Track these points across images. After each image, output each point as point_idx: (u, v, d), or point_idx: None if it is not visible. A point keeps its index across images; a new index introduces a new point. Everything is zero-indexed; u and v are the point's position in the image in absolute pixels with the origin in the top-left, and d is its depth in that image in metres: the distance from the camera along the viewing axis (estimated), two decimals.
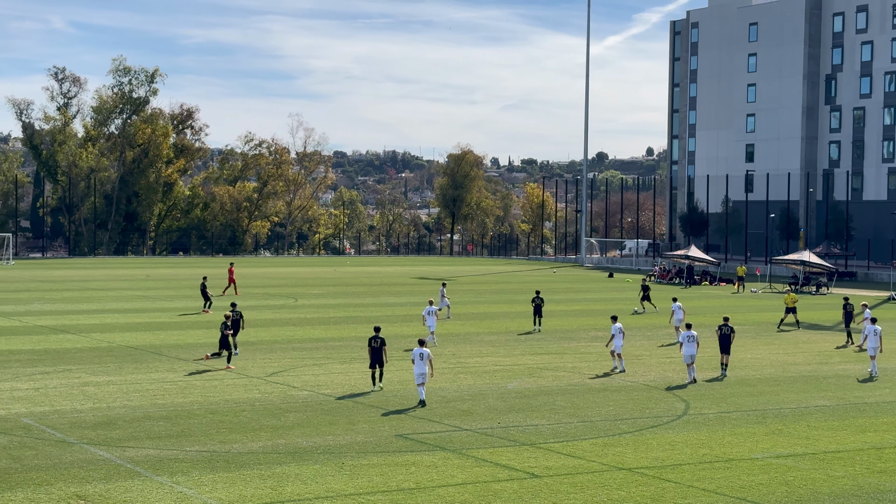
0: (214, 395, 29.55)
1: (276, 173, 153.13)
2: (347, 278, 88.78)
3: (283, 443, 23.54)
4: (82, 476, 20.19)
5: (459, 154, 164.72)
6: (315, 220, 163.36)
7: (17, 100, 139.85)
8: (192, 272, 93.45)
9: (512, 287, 79.16)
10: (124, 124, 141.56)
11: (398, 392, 30.54)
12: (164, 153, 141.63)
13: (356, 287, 76.72)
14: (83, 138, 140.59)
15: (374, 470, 21.15)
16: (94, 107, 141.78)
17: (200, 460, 21.74)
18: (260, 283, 79.93)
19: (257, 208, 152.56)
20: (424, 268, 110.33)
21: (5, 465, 20.96)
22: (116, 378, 32.47)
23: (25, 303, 59.04)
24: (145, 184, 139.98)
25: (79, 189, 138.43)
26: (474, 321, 51.25)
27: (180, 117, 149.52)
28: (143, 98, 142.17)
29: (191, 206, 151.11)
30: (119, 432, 24.36)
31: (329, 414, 27.08)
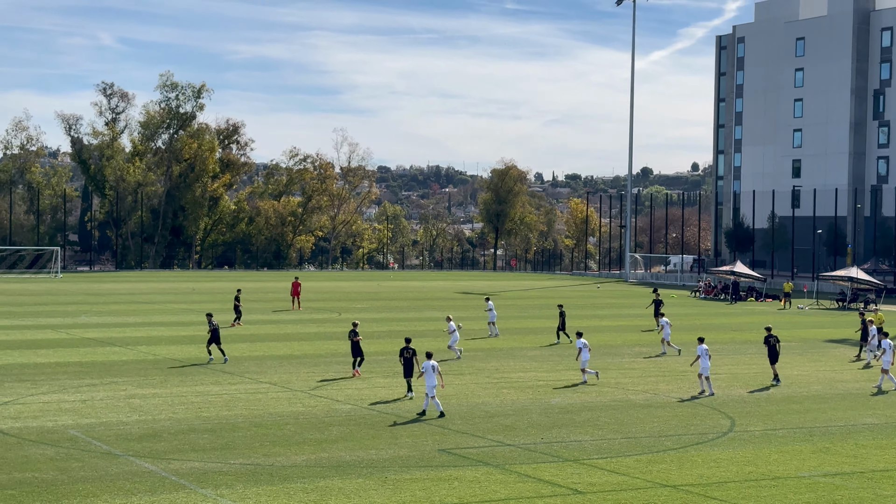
0: (258, 409, 29.67)
1: (320, 188, 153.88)
2: (391, 293, 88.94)
3: (326, 456, 23.58)
4: (128, 488, 20.33)
5: (503, 169, 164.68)
6: (359, 235, 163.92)
7: (66, 115, 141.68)
8: (236, 286, 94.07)
9: (556, 302, 78.91)
10: (171, 139, 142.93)
11: (442, 407, 30.50)
12: (210, 168, 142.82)
13: (399, 301, 76.83)
14: (131, 153, 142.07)
15: (417, 484, 21.12)
16: (141, 122, 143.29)
17: (244, 473, 21.82)
18: (304, 297, 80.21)
19: (302, 223, 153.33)
20: (468, 283, 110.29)
21: (52, 476, 21.16)
22: (162, 391, 32.70)
23: (73, 315, 59.66)
24: (191, 198, 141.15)
25: (126, 203, 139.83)
26: (518, 336, 51.13)
27: (226, 132, 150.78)
28: (190, 113, 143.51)
29: (236, 220, 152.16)
30: (164, 445, 24.51)
31: (372, 428, 27.10)
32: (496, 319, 52.97)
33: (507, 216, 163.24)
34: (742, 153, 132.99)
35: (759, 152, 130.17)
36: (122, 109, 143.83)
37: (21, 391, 32.04)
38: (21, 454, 23.12)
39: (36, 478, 20.98)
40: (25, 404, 29.78)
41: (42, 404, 29.85)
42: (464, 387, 34.73)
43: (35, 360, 39.59)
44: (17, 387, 32.93)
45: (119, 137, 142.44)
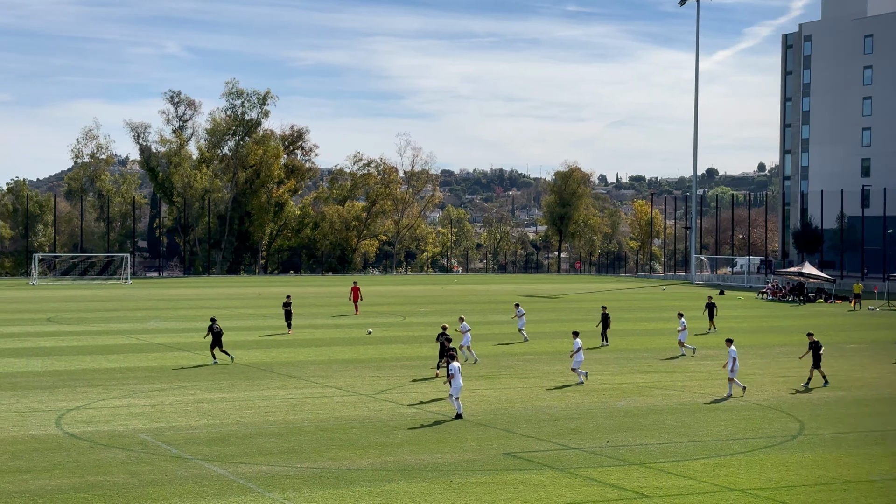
0: (324, 413, 29.87)
1: (384, 192, 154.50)
2: (455, 296, 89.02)
3: (391, 460, 23.67)
4: (197, 491, 20.58)
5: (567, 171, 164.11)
6: (423, 239, 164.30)
7: (134, 123, 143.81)
8: (302, 291, 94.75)
9: (620, 305, 78.47)
10: (237, 146, 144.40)
11: (506, 410, 30.50)
12: (275, 174, 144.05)
13: (464, 305, 76.86)
14: (197, 160, 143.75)
15: (483, 488, 21.13)
16: (207, 129, 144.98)
17: (311, 477, 21.99)
18: (369, 302, 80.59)
19: (366, 227, 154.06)
20: (532, 286, 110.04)
21: (123, 480, 21.49)
22: (229, 395, 33.06)
23: (142, 321, 60.52)
24: (257, 204, 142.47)
25: (193, 210, 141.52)
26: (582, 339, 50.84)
27: (291, 138, 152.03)
28: (255, 120, 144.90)
29: (301, 225, 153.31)
30: (232, 448, 24.77)
31: (437, 431, 27.16)
32: (524, 326, 51.45)
33: (571, 219, 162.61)
34: (809, 153, 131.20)
35: (828, 151, 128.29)
36: (188, 117, 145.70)
37: (93, 396, 32.57)
38: (93, 458, 23.51)
39: (107, 481, 21.32)
40: (97, 409, 30.28)
41: (113, 409, 30.32)
42: (528, 390, 34.68)
43: (106, 365, 40.23)
44: (89, 392, 33.49)
45: (186, 145, 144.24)
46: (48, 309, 70.01)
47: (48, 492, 20.35)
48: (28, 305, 73.46)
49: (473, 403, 31.68)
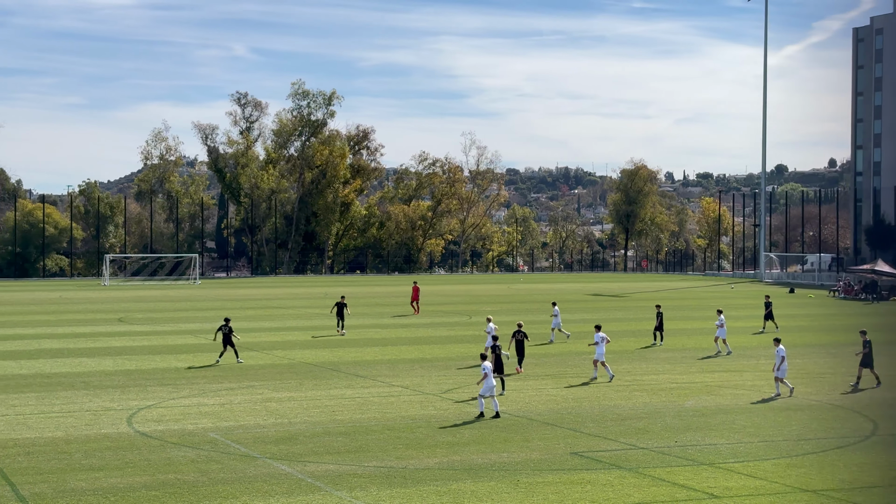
0: (391, 412, 29.95)
1: (449, 192, 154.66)
2: (521, 295, 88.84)
3: (458, 459, 23.66)
4: (266, 490, 20.74)
5: (633, 169, 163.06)
6: (488, 238, 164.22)
7: (202, 125, 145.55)
8: (369, 290, 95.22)
9: (688, 304, 77.77)
10: (303, 146, 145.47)
11: (573, 409, 30.36)
12: (341, 174, 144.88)
13: (529, 304, 76.67)
14: (264, 161, 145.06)
15: (550, 488, 21.04)
16: (274, 130, 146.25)
17: (378, 476, 22.05)
18: (435, 301, 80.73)
19: (431, 226, 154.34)
20: (598, 284, 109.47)
21: (193, 478, 21.72)
22: (297, 394, 33.28)
23: (211, 321, 61.18)
24: (323, 204, 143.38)
25: (260, 210, 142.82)
26: (649, 338, 50.50)
27: (356, 138, 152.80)
28: (321, 120, 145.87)
29: (367, 225, 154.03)
30: (300, 447, 24.93)
31: (504, 431, 27.10)
32: (561, 326, 50.32)
33: (638, 217, 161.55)
34: (882, 148, 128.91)
35: None
36: (255, 118, 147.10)
37: (163, 395, 32.99)
38: (164, 456, 23.80)
39: (178, 479, 21.57)
40: (167, 408, 30.65)
41: (183, 408, 30.68)
42: (595, 389, 34.49)
43: (175, 364, 40.73)
44: (160, 391, 33.93)
45: (253, 146, 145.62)
46: (119, 309, 71.08)
47: (120, 489, 20.63)
48: (99, 306, 74.65)
49: (540, 402, 31.58)
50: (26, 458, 23.44)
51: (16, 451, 24.30)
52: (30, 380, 36.42)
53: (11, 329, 55.46)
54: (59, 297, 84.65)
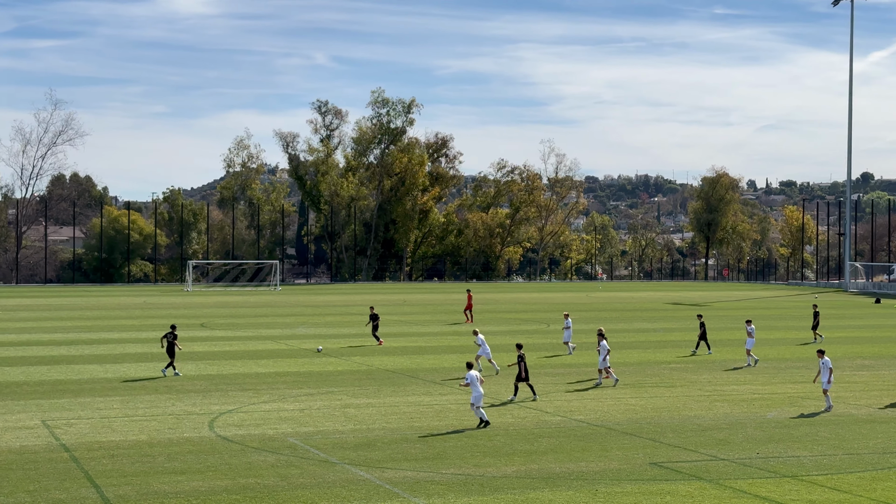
0: (469, 419, 29.94)
1: (528, 199, 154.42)
2: (599, 304, 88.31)
3: (536, 468, 23.58)
4: (344, 495, 20.86)
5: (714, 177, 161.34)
6: (567, 246, 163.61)
7: (283, 133, 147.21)
8: (446, 298, 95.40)
9: (771, 313, 76.65)
10: (382, 154, 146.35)
11: (652, 419, 30.08)
12: (419, 181, 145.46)
13: (608, 312, 76.17)
14: (344, 168, 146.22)
15: (629, 498, 20.86)
16: (354, 138, 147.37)
17: (456, 483, 22.06)
18: (512, 309, 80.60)
19: (510, 234, 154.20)
20: (678, 293, 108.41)
21: (273, 482, 21.93)
22: (375, 401, 33.45)
23: (291, 327, 61.79)
24: (402, 211, 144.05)
25: (340, 217, 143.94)
26: (730, 348, 49.89)
27: (435, 146, 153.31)
28: (401, 128, 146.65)
29: (445, 232, 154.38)
30: (378, 453, 25.05)
31: (582, 440, 26.95)
32: (570, 339, 48.19)
33: (719, 225, 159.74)
34: None
35: None
36: (335, 126, 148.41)
37: (243, 400, 33.38)
38: (244, 461, 24.07)
39: (258, 483, 21.80)
40: (248, 413, 31.01)
41: (263, 413, 31.00)
42: (675, 399, 34.14)
43: (256, 370, 41.18)
44: (240, 396, 34.33)
45: (333, 153, 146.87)
46: (201, 315, 72.09)
47: (202, 493, 20.91)
48: (182, 311, 75.80)
49: (618, 412, 31.36)
50: (110, 461, 23.87)
51: (100, 453, 24.76)
52: (114, 383, 37.10)
53: (97, 333, 56.55)
54: (143, 303, 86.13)
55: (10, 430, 27.66)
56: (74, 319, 66.72)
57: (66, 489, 21.10)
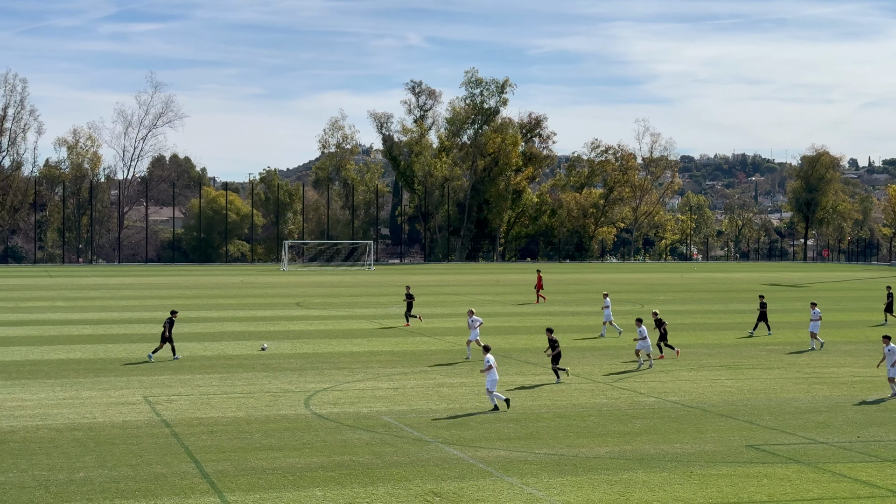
0: (562, 400, 29.89)
1: (622, 179, 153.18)
2: (694, 284, 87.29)
3: (629, 449, 23.45)
4: (437, 474, 20.99)
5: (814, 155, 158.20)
6: (661, 226, 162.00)
7: (377, 114, 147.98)
8: None
9: (873, 294, 74.98)
10: (476, 134, 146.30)
11: (748, 401, 29.69)
12: (513, 161, 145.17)
13: (703, 293, 75.27)
14: (437, 149, 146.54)
15: (724, 480, 20.64)
16: (447, 118, 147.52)
17: (549, 463, 22.05)
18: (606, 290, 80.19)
19: (603, 214, 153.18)
20: (776, 274, 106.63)
21: (368, 460, 22.16)
22: (469, 380, 33.55)
23: (384, 307, 62.25)
24: (495, 191, 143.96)
25: (433, 197, 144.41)
26: (831, 330, 48.96)
27: (529, 126, 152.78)
28: (494, 108, 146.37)
29: (538, 212, 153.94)
30: (471, 433, 25.13)
31: (676, 421, 26.71)
32: (612, 319, 47.07)
33: (819, 205, 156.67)
34: None
35: None
36: (429, 107, 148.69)
37: (339, 378, 33.75)
38: (339, 438, 24.35)
39: (353, 461, 22.05)
40: (343, 391, 31.35)
41: (357, 391, 31.32)
42: (772, 381, 33.64)
43: (350, 349, 41.60)
44: (335, 374, 34.72)
45: (427, 134, 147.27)
46: (297, 294, 73.03)
47: (298, 469, 21.22)
48: (279, 290, 76.87)
49: (714, 394, 31.01)
50: (210, 437, 24.35)
51: (200, 429, 25.27)
52: (213, 361, 37.80)
53: (196, 312, 57.64)
54: (241, 282, 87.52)
55: (113, 406, 28.39)
56: (174, 298, 68.10)
57: (167, 463, 21.59)
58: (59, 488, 19.51)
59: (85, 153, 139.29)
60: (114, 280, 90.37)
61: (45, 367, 35.78)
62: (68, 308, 59.80)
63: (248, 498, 18.94)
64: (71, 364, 36.51)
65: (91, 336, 45.32)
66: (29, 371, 34.69)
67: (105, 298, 68.02)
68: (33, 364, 36.38)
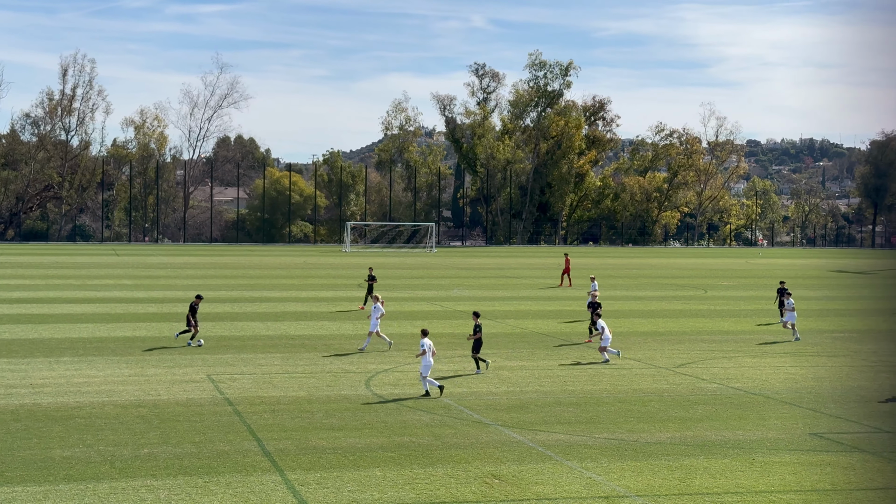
0: (622, 384, 29.76)
1: (686, 163, 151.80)
2: (759, 270, 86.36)
3: (690, 435, 23.30)
4: (497, 456, 21.01)
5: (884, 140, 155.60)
6: (726, 211, 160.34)
7: (440, 96, 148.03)
8: (602, 262, 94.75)
9: None
10: (539, 117, 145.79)
11: (812, 388, 29.34)
12: (576, 145, 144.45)
13: (768, 280, 74.44)
14: (500, 131, 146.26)
15: (787, 468, 20.43)
16: (510, 101, 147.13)
17: (609, 448, 21.98)
18: (669, 274, 79.58)
19: (667, 198, 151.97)
20: (842, 261, 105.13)
21: (427, 441, 22.24)
22: (529, 363, 33.52)
23: (446, 289, 62.33)
24: (558, 175, 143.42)
25: (496, 180, 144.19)
26: None
27: (592, 109, 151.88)
28: (557, 91, 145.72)
29: (601, 196, 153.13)
30: (531, 416, 25.12)
31: (739, 408, 26.47)
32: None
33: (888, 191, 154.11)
34: None
35: None
36: (492, 89, 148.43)
37: (399, 360, 33.89)
38: (399, 419, 24.47)
39: (413, 442, 22.14)
40: (403, 372, 31.47)
41: (418, 373, 31.40)
42: (837, 369, 33.21)
43: (411, 330, 41.71)
44: (396, 356, 34.86)
45: (490, 116, 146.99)
46: (359, 275, 73.37)
47: (358, 449, 21.36)
48: (341, 272, 77.31)
49: (777, 381, 30.69)
50: (272, 416, 24.59)
51: (262, 408, 25.52)
52: (276, 341, 38.14)
53: (259, 292, 58.18)
54: (304, 263, 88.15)
55: (177, 384, 28.77)
56: (238, 278, 68.79)
57: (230, 441, 21.84)
58: (123, 464, 19.83)
59: (151, 133, 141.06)
60: (179, 259, 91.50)
61: (112, 344, 36.34)
62: (134, 286, 60.68)
63: (309, 477, 19.11)
64: (136, 342, 37.06)
65: (156, 314, 45.95)
66: (95, 348, 35.27)
67: (170, 277, 68.90)
68: (100, 341, 36.98)
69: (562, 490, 18.54)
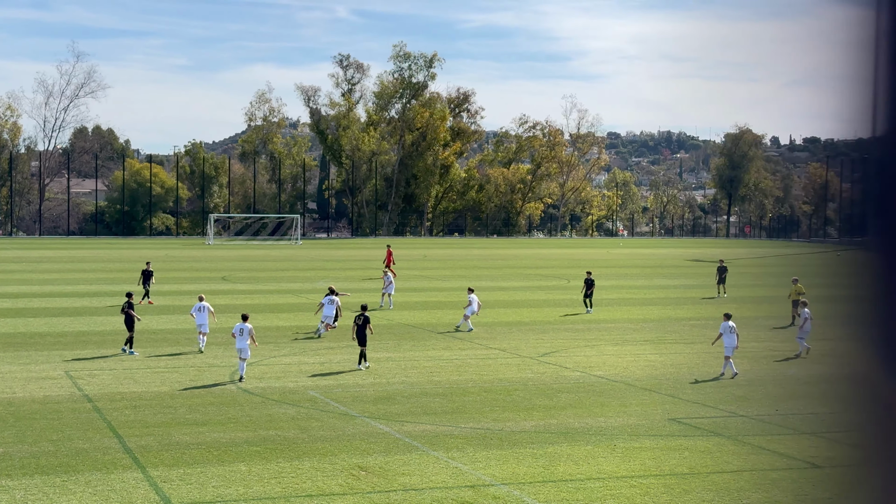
0: (488, 374, 30.05)
1: (549, 155, 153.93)
2: (620, 260, 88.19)
3: (554, 423, 23.66)
4: (364, 448, 20.99)
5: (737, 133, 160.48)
6: (588, 202, 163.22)
7: (305, 87, 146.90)
8: (467, 253, 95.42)
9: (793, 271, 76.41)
10: (404, 108, 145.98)
11: (671, 375, 30.11)
12: (441, 136, 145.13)
13: (628, 269, 76.09)
14: (365, 123, 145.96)
15: (647, 453, 20.92)
16: (375, 92, 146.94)
17: (475, 437, 22.16)
18: (532, 265, 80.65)
19: (531, 190, 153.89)
20: (699, 250, 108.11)
21: (293, 435, 22.09)
22: (395, 355, 33.58)
23: (311, 281, 61.98)
24: (423, 166, 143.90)
25: (361, 172, 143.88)
26: (751, 305, 49.81)
27: (457, 101, 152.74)
28: (422, 83, 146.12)
29: (466, 187, 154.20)
30: (398, 407, 25.17)
31: (601, 395, 27.00)
32: (474, 314, 40.12)
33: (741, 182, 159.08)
34: None
35: None
36: (357, 80, 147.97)
37: (264, 353, 33.56)
38: (265, 413, 24.24)
39: (279, 435, 21.96)
40: (269, 365, 31.19)
41: (283, 366, 31.18)
42: (695, 356, 34.15)
43: (277, 323, 41.37)
44: (262, 349, 34.49)
45: (355, 108, 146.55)
46: (222, 268, 72.39)
47: (222, 444, 21.08)
48: (204, 264, 76.13)
49: (638, 368, 31.39)
50: (133, 412, 24.09)
51: (123, 404, 24.98)
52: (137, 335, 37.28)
53: (119, 286, 56.85)
54: (165, 256, 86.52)
55: (33, 381, 27.93)
56: (97, 272, 67.11)
57: (89, 439, 21.31)
58: None
59: (4, 123, 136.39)
60: (34, 253, 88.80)
61: None
62: None
63: (172, 473, 18.77)
64: None
65: (10, 310, 44.52)
66: None
67: (25, 272, 66.82)
68: None
69: (428, 480, 18.62)
